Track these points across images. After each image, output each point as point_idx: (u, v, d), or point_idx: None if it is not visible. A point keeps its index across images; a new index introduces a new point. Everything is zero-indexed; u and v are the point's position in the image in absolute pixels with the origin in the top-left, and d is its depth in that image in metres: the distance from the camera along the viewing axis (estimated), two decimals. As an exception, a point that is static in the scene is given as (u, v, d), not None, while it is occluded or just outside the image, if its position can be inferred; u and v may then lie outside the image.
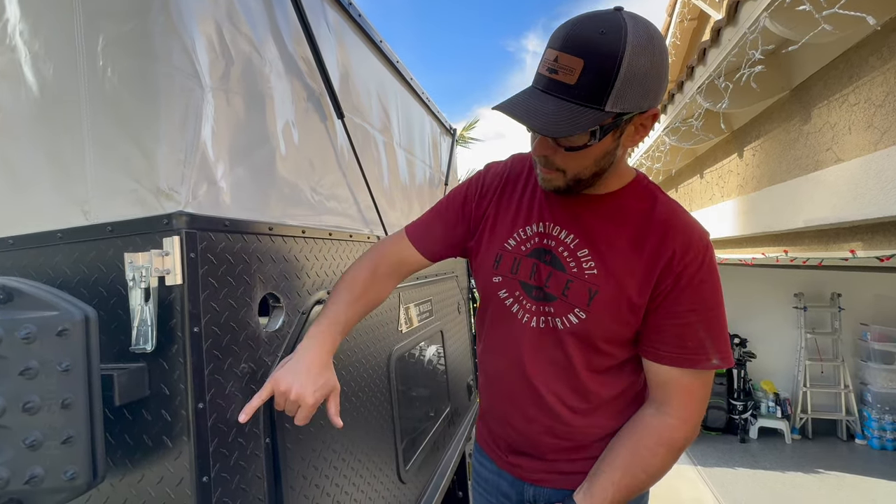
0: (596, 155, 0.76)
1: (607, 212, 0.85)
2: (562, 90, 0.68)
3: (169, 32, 0.73)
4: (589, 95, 0.67)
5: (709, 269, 0.80)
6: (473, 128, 10.01)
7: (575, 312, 0.85)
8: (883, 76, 1.61)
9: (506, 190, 0.97)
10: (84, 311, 0.63)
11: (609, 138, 0.74)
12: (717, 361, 0.80)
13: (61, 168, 0.79)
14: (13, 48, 0.81)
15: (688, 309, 0.80)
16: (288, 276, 0.96)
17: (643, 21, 0.69)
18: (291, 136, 1.01)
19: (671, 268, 0.79)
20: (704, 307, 0.80)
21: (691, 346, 0.80)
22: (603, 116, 0.68)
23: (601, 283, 0.82)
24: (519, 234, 0.92)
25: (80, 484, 0.62)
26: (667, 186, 4.74)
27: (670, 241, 0.80)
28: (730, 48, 2.01)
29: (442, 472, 1.81)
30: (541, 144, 0.78)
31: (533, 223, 0.90)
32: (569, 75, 0.67)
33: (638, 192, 0.85)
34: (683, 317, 0.80)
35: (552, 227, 0.88)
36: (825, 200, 1.92)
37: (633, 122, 0.74)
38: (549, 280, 0.87)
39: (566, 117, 0.68)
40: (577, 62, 0.66)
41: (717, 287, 0.81)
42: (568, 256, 0.86)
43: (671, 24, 5.08)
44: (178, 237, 0.70)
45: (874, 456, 5.04)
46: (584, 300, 0.83)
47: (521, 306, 0.91)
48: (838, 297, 5.64)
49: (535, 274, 0.88)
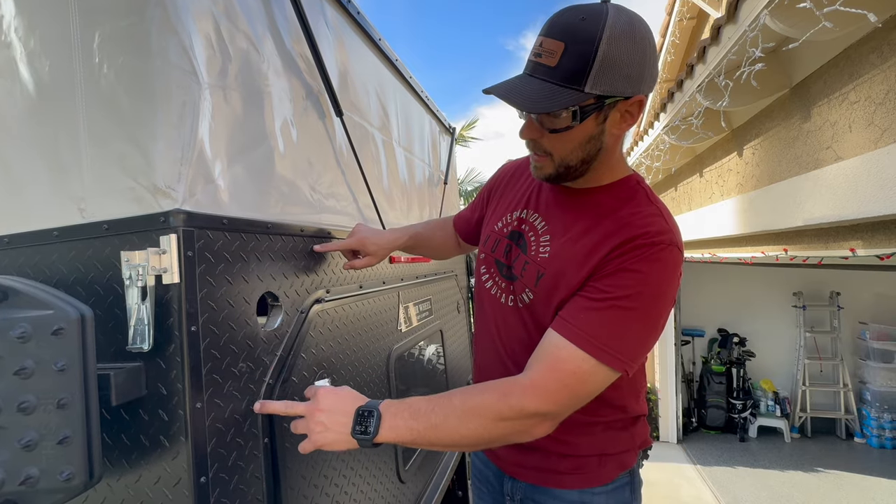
0: (580, 138, 0.77)
1: (582, 204, 0.87)
2: (545, 72, 0.72)
3: (166, 29, 0.72)
4: (569, 77, 0.70)
5: (649, 265, 0.73)
6: (473, 127, 10.00)
7: (526, 292, 0.88)
8: (883, 74, 1.61)
9: (511, 181, 1.06)
10: (80, 309, 0.63)
11: (592, 122, 0.76)
12: (601, 353, 0.71)
13: (57, 166, 0.79)
14: (8, 45, 0.81)
15: (601, 288, 0.75)
16: (286, 274, 0.95)
17: (627, 11, 0.72)
18: (290, 133, 1.00)
19: (611, 253, 0.76)
20: (622, 295, 0.73)
21: (583, 321, 0.73)
22: (582, 97, 0.71)
23: (548, 267, 0.85)
24: (506, 217, 0.99)
25: (76, 485, 0.61)
26: (667, 185, 4.73)
27: (622, 233, 0.77)
28: (730, 46, 2.00)
29: (441, 471, 1.81)
30: (528, 127, 0.81)
31: (519, 209, 0.97)
32: (551, 58, 0.71)
33: (620, 190, 0.85)
34: (594, 293, 0.75)
35: (531, 213, 0.94)
36: (825, 199, 1.92)
37: (618, 108, 0.76)
38: (516, 261, 0.92)
39: (546, 95, 0.71)
40: (558, 45, 0.70)
41: (645, 284, 0.73)
42: (533, 240, 0.90)
43: (670, 23, 5.08)
44: (175, 235, 0.70)
45: (873, 454, 5.05)
46: (532, 281, 0.87)
47: (495, 282, 0.97)
48: (837, 295, 5.65)
49: (507, 254, 0.94)
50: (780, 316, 5.92)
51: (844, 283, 5.60)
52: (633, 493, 0.96)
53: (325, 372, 1.06)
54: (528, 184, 0.99)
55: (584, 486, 0.91)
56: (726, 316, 6.12)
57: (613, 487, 0.92)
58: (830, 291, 5.70)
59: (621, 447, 0.91)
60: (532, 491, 0.95)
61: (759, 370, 5.93)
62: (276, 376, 0.89)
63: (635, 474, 0.97)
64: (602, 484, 0.91)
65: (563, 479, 0.91)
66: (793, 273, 5.67)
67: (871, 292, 5.54)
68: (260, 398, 0.85)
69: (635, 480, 0.97)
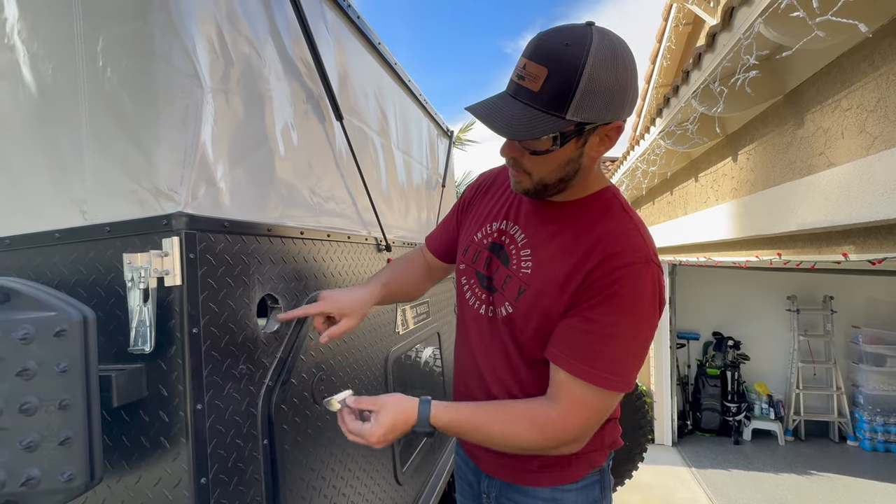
0: (559, 161, 0.79)
1: (559, 217, 0.88)
2: (527, 96, 0.72)
3: (169, 33, 0.73)
4: (551, 103, 0.70)
5: (631, 286, 0.77)
6: (470, 130, 10.02)
7: (505, 305, 0.89)
8: (875, 82, 1.63)
9: (489, 190, 1.05)
10: (82, 311, 0.63)
11: (571, 146, 0.76)
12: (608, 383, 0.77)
13: (60, 168, 0.79)
14: (12, 48, 0.81)
15: (593, 318, 0.78)
16: (286, 277, 0.96)
17: (611, 37, 0.71)
18: (290, 137, 1.01)
19: (591, 276, 0.79)
20: (610, 322, 0.77)
21: (585, 355, 0.78)
22: (563, 124, 0.71)
23: (530, 283, 0.86)
24: (486, 228, 0.99)
25: (77, 485, 0.61)
26: (662, 189, 4.77)
27: (600, 251, 0.79)
28: (725, 53, 2.03)
29: (438, 474, 1.81)
30: (508, 146, 0.81)
31: (499, 220, 0.97)
32: (534, 82, 0.71)
33: (596, 203, 0.87)
34: (587, 324, 0.79)
35: (512, 225, 0.94)
36: (818, 204, 1.94)
37: (598, 132, 0.77)
38: (497, 273, 0.93)
39: (527, 121, 0.71)
40: (541, 70, 0.70)
41: (632, 306, 0.77)
42: (514, 254, 0.91)
43: (666, 29, 5.12)
44: (177, 238, 0.70)
45: (866, 457, 5.08)
46: (513, 295, 0.88)
47: (474, 293, 0.98)
48: (830, 299, 5.69)
49: (487, 265, 0.95)
50: (774, 319, 5.96)
51: (837, 287, 5.64)
52: (603, 491, 0.98)
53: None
54: (507, 194, 0.99)
55: (556, 484, 0.94)
56: (721, 319, 6.15)
57: (583, 485, 0.95)
58: (824, 295, 5.74)
59: (590, 447, 0.92)
60: (506, 489, 0.98)
61: (753, 373, 5.96)
62: (275, 378, 0.89)
63: (605, 473, 0.99)
64: (572, 482, 0.94)
65: (535, 477, 0.94)
66: (786, 277, 5.71)
67: (864, 296, 5.59)
68: (259, 400, 0.86)
69: (605, 479, 0.99)
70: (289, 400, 0.93)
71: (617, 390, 0.79)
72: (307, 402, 0.99)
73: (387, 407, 0.80)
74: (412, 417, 0.81)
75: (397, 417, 0.80)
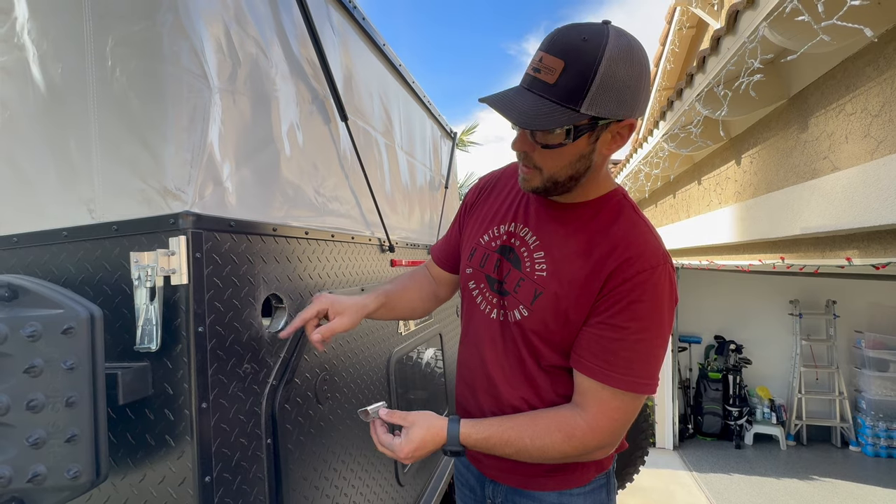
0: (571, 156, 0.79)
1: (571, 219, 0.87)
2: (542, 88, 0.73)
3: (178, 34, 0.73)
4: (566, 96, 0.71)
5: (652, 291, 0.78)
6: (473, 132, 10.03)
7: (519, 309, 0.88)
8: (879, 86, 1.63)
9: (493, 191, 1.04)
10: (89, 309, 0.64)
11: (584, 141, 0.77)
12: (638, 386, 0.79)
13: (68, 167, 0.80)
14: (21, 47, 0.82)
15: (619, 325, 0.79)
16: (291, 277, 0.96)
17: (627, 36, 0.72)
18: (296, 137, 1.01)
19: (611, 281, 0.79)
20: (637, 328, 0.78)
21: (614, 362, 0.79)
22: (577, 117, 0.72)
23: (546, 286, 0.85)
24: (493, 231, 0.97)
25: (82, 483, 0.62)
26: (665, 192, 4.76)
27: (618, 255, 0.80)
28: (729, 57, 2.03)
29: (440, 475, 1.81)
30: (520, 140, 0.81)
31: (507, 222, 0.95)
32: (550, 75, 0.71)
33: (608, 205, 0.87)
34: (613, 332, 0.79)
35: (521, 227, 0.93)
36: (822, 208, 1.94)
37: (610, 129, 0.77)
38: (508, 276, 0.91)
39: (542, 112, 0.72)
40: (558, 63, 0.71)
41: (655, 310, 0.78)
42: (526, 256, 0.89)
43: (670, 32, 5.12)
44: (184, 237, 0.70)
45: (868, 463, 5.06)
46: (528, 299, 0.87)
47: (484, 297, 0.96)
48: (833, 304, 5.68)
49: (497, 268, 0.93)
50: (776, 324, 5.94)
51: (840, 291, 5.62)
52: (609, 494, 0.98)
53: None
54: (513, 196, 0.98)
55: (563, 488, 0.93)
56: (723, 323, 6.14)
57: (591, 489, 0.94)
58: (826, 300, 5.73)
59: None
60: (512, 494, 0.97)
61: (755, 377, 5.94)
62: (279, 378, 0.90)
63: (611, 476, 0.99)
64: (580, 485, 0.93)
65: (542, 481, 0.93)
66: (789, 281, 5.70)
67: (867, 301, 5.57)
68: (263, 399, 0.86)
69: (611, 482, 0.99)
70: (292, 399, 0.93)
71: (646, 392, 0.80)
72: (310, 401, 0.99)
73: (418, 423, 0.82)
74: (441, 436, 0.82)
75: (427, 435, 0.81)
